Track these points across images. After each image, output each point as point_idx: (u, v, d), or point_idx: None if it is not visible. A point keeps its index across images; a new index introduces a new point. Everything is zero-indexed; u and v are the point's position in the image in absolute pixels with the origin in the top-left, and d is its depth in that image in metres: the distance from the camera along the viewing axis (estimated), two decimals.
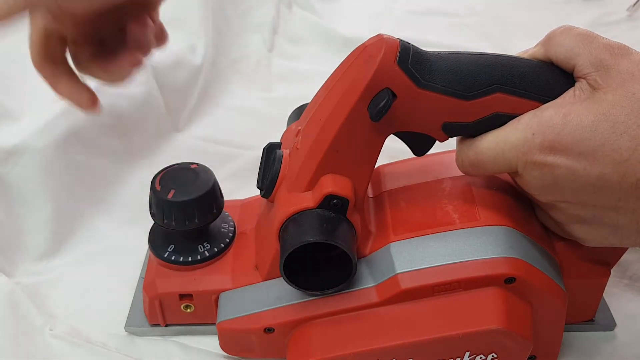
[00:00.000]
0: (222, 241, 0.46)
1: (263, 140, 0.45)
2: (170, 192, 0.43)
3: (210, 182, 0.44)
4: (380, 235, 0.42)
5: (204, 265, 0.46)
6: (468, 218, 0.40)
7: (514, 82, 0.37)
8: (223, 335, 0.44)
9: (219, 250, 0.46)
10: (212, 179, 0.45)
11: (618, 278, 0.51)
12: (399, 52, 0.37)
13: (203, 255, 0.45)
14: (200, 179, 0.44)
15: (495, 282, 0.38)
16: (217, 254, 0.46)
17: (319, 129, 0.39)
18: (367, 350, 0.39)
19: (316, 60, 0.83)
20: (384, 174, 0.46)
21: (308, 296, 0.41)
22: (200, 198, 0.43)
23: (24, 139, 0.57)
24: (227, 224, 0.48)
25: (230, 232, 0.47)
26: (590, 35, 0.36)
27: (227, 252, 0.47)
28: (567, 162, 0.34)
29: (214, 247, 0.46)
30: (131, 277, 0.52)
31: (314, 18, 0.89)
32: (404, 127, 0.39)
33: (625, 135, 0.33)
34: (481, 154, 0.38)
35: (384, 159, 0.43)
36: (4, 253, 0.53)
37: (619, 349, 0.47)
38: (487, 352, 0.39)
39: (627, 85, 0.33)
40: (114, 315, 0.49)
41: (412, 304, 0.39)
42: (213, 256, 0.46)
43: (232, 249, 0.47)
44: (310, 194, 0.39)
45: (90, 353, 0.46)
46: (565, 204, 0.36)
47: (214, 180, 0.45)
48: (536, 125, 0.35)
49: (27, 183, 0.56)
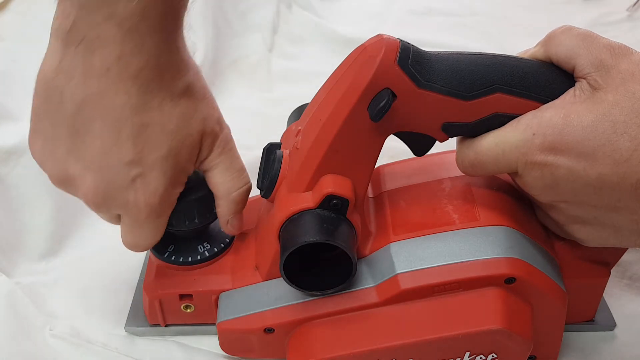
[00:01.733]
0: (222, 241, 0.46)
1: (263, 140, 0.45)
2: None
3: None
4: (380, 236, 0.42)
5: (204, 266, 0.46)
6: (468, 218, 0.40)
7: (514, 82, 0.37)
8: (223, 336, 0.44)
9: (219, 251, 0.46)
10: None
11: (618, 278, 0.51)
12: (399, 52, 0.37)
13: (203, 255, 0.45)
14: (200, 179, 0.44)
15: (495, 283, 0.38)
16: (217, 254, 0.46)
17: (319, 129, 0.39)
18: (367, 350, 0.39)
19: (316, 60, 0.83)
20: (384, 174, 0.46)
21: (308, 296, 0.41)
22: (200, 198, 0.43)
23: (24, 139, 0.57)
24: None
25: None
26: (590, 36, 0.36)
27: (227, 252, 0.46)
28: (567, 163, 0.34)
29: (214, 248, 0.46)
30: (131, 277, 0.52)
31: (314, 18, 0.89)
32: (404, 127, 0.39)
33: (625, 135, 0.33)
34: (481, 154, 0.38)
35: (384, 159, 0.43)
36: (4, 253, 0.53)
37: (619, 349, 0.47)
38: (487, 352, 0.39)
39: (628, 85, 0.33)
40: (114, 315, 0.49)
41: (412, 304, 0.39)
42: (213, 256, 0.46)
43: (232, 249, 0.47)
44: (310, 194, 0.39)
45: (90, 353, 0.46)
46: (565, 204, 0.36)
47: None
48: (536, 125, 0.35)
49: (27, 183, 0.56)
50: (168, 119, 0.38)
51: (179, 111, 0.39)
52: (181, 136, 0.39)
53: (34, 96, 0.38)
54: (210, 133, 0.41)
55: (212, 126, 0.41)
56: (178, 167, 0.40)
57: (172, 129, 0.38)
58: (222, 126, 0.42)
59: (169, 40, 0.37)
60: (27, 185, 0.56)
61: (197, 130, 0.40)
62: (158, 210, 0.40)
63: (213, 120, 0.41)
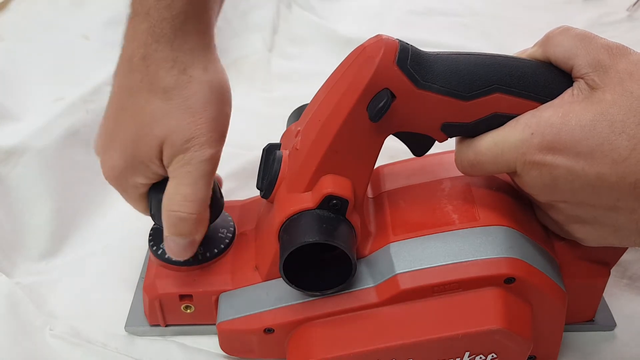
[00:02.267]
0: (222, 242, 0.46)
1: (263, 140, 0.45)
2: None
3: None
4: (379, 236, 0.42)
5: (204, 266, 0.46)
6: (468, 218, 0.40)
7: (513, 82, 0.37)
8: (223, 336, 0.44)
9: (219, 251, 0.46)
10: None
11: (618, 278, 0.51)
12: (398, 53, 0.37)
13: (203, 255, 0.45)
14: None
15: (494, 283, 0.38)
16: (217, 255, 0.46)
17: (319, 130, 0.39)
18: (366, 350, 0.39)
19: (316, 60, 0.83)
20: (383, 175, 0.46)
21: (308, 297, 0.41)
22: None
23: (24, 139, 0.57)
24: (227, 225, 0.48)
25: (230, 233, 0.47)
26: (588, 36, 0.36)
27: (227, 252, 0.46)
28: (565, 162, 0.34)
29: (214, 248, 0.46)
30: (131, 277, 0.52)
31: (314, 18, 0.89)
32: (403, 127, 0.39)
33: (623, 134, 0.33)
34: (480, 154, 0.38)
35: (384, 159, 0.43)
36: (4, 253, 0.53)
37: (619, 349, 0.47)
38: (487, 352, 0.39)
39: (626, 84, 0.33)
40: (114, 315, 0.49)
41: (411, 304, 0.39)
42: (213, 257, 0.46)
43: (232, 250, 0.47)
44: (309, 194, 0.39)
45: (90, 353, 0.46)
46: (564, 204, 0.36)
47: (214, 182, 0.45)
48: (535, 125, 0.35)
49: (27, 183, 0.56)
50: (140, 110, 0.41)
51: (149, 109, 0.41)
52: (143, 132, 0.41)
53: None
54: (171, 145, 0.41)
55: (176, 140, 0.41)
56: (136, 158, 0.42)
57: (139, 121, 0.41)
58: (194, 149, 0.41)
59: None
60: (27, 185, 0.56)
61: (157, 135, 0.41)
62: (115, 185, 0.44)
63: (181, 136, 0.41)
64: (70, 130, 0.61)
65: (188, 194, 0.41)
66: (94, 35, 0.77)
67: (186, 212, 0.42)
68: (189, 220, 0.42)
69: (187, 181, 0.41)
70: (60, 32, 0.77)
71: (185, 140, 0.41)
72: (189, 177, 0.41)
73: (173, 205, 0.42)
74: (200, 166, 0.41)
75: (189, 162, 0.41)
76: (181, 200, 0.41)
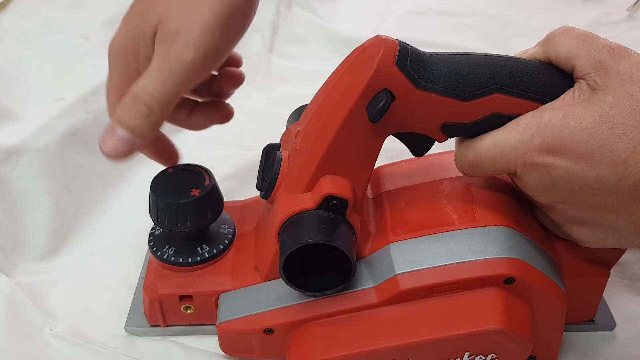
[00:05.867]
0: (221, 242, 0.46)
1: (263, 141, 0.45)
2: (167, 193, 0.43)
3: (209, 186, 0.44)
4: (379, 236, 0.42)
5: (204, 267, 0.46)
6: (467, 218, 0.40)
7: (513, 82, 0.37)
8: (223, 337, 0.44)
9: (218, 252, 0.46)
10: (212, 182, 0.44)
11: (618, 278, 0.51)
12: (397, 53, 0.37)
13: (203, 256, 0.45)
14: (199, 181, 0.44)
15: (494, 283, 0.38)
16: (217, 255, 0.46)
17: (318, 130, 0.39)
18: (366, 351, 0.39)
19: (316, 60, 0.83)
20: (383, 175, 0.46)
21: (308, 297, 0.41)
22: (193, 202, 0.43)
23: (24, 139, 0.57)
24: (227, 225, 0.48)
25: (230, 234, 0.47)
26: (590, 36, 0.36)
27: (227, 253, 0.47)
28: (565, 164, 0.34)
29: (214, 249, 0.46)
30: (131, 277, 0.52)
31: (314, 18, 0.89)
32: (402, 127, 0.39)
33: (623, 136, 0.33)
34: (480, 155, 0.38)
35: (383, 159, 0.43)
36: (4, 253, 0.53)
37: (619, 349, 0.47)
38: (487, 352, 0.39)
39: (626, 86, 0.33)
40: (114, 315, 0.49)
41: (411, 304, 0.39)
42: (213, 257, 0.46)
43: (231, 250, 0.47)
44: (309, 195, 0.39)
45: (90, 353, 0.46)
46: (564, 205, 0.36)
47: (213, 183, 0.45)
48: (535, 126, 0.35)
49: (27, 183, 0.56)
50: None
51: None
52: (150, 5, 0.42)
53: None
54: (162, 28, 0.40)
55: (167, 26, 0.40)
56: (137, 30, 0.42)
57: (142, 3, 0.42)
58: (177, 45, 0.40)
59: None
60: (27, 185, 0.56)
61: (157, 13, 0.41)
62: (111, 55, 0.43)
63: (173, 24, 0.40)
64: (70, 130, 0.60)
65: (151, 85, 0.40)
66: (93, 36, 0.77)
67: (145, 100, 0.39)
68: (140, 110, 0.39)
69: (158, 75, 0.40)
70: (60, 32, 0.77)
71: (175, 31, 0.40)
72: (160, 72, 0.40)
73: (137, 88, 0.40)
74: (175, 64, 0.40)
75: (167, 57, 0.40)
76: (144, 87, 0.40)
